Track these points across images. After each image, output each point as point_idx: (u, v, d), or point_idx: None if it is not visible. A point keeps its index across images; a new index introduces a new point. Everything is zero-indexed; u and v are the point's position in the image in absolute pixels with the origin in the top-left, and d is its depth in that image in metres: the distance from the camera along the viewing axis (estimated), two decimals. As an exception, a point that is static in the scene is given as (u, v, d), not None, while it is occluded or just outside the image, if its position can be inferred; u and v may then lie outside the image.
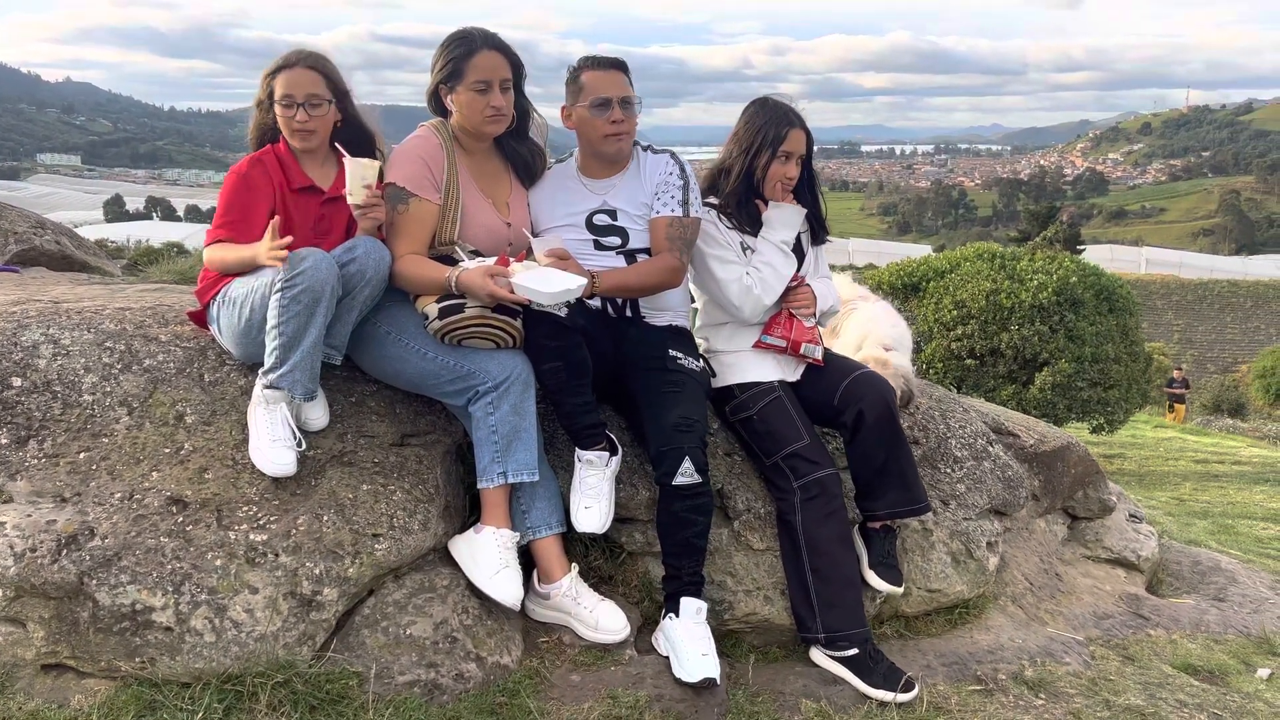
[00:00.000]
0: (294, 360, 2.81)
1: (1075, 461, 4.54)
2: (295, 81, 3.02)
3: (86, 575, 2.55)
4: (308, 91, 3.02)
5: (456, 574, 2.94)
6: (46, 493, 2.74)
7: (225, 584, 2.61)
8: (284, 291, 2.76)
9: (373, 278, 2.87)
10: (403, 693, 2.64)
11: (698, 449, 2.97)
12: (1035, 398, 11.29)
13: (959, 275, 12.11)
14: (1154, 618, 3.97)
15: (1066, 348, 11.36)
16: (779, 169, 3.30)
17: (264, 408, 2.86)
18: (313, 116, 3.03)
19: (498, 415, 2.90)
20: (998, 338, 11.49)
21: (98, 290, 4.01)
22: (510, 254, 3.02)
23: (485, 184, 3.20)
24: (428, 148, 3.08)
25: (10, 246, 6.58)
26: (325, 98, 3.05)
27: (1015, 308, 11.47)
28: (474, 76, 3.03)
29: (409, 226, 3.02)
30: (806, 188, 3.46)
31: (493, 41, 3.08)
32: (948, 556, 3.51)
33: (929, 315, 11.85)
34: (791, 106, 3.34)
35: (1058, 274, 11.65)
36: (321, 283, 2.76)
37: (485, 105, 3.05)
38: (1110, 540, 4.56)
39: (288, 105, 3.02)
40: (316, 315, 2.79)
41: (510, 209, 3.23)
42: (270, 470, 2.82)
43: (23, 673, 2.56)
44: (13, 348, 3.06)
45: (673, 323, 3.34)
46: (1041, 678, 3.23)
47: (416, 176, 3.03)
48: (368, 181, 2.90)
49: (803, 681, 3.05)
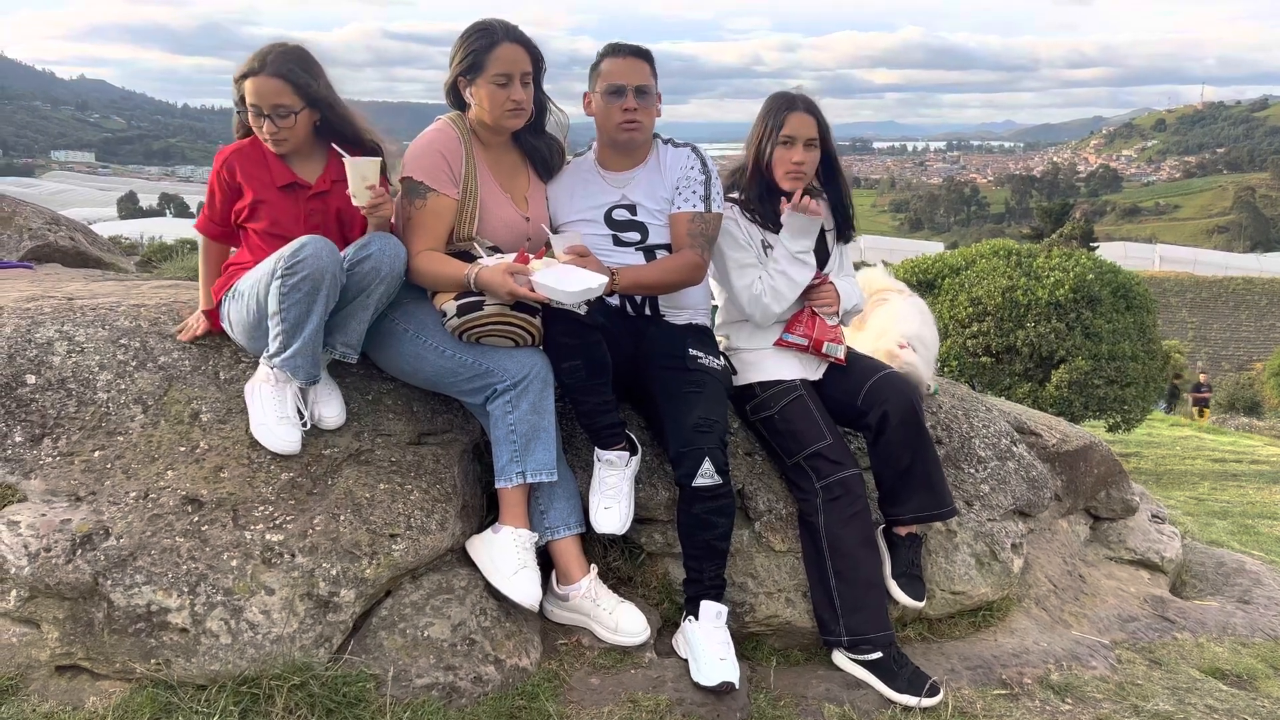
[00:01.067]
0: (296, 346, 2.79)
1: (1098, 461, 4.48)
2: (260, 91, 2.87)
3: (101, 575, 2.52)
4: (273, 102, 2.87)
5: (474, 575, 2.90)
6: (61, 491, 2.71)
7: (241, 585, 2.57)
8: (284, 279, 2.72)
9: (387, 275, 2.83)
10: (420, 696, 2.60)
11: (718, 449, 2.93)
12: (1052, 396, 11.22)
13: (974, 272, 12.03)
14: (1179, 620, 3.91)
15: (1083, 345, 11.27)
16: (783, 154, 3.24)
17: (272, 386, 2.84)
18: (280, 127, 2.90)
19: (516, 414, 2.86)
20: (1014, 335, 11.41)
21: (112, 286, 3.98)
22: (529, 249, 2.98)
23: (503, 178, 3.15)
24: (445, 141, 3.03)
25: (25, 243, 6.57)
26: (293, 107, 2.89)
27: (1032, 305, 11.39)
28: (495, 69, 2.97)
29: (426, 221, 2.97)
30: (829, 178, 3.39)
31: (514, 34, 3.02)
32: (972, 558, 3.46)
33: (944, 313, 11.77)
34: (799, 94, 3.29)
35: (1075, 271, 11.56)
36: (321, 270, 2.72)
37: (506, 99, 2.99)
38: (1133, 541, 4.50)
39: (256, 115, 2.91)
40: (317, 302, 2.75)
41: (529, 203, 3.19)
42: (276, 447, 2.81)
43: (37, 674, 2.53)
44: (27, 345, 3.03)
45: (693, 321, 3.29)
46: (1068, 682, 3.17)
47: (434, 170, 2.98)
48: (369, 181, 2.82)
49: (825, 685, 3.00)
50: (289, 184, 2.99)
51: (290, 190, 3.00)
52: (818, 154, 3.29)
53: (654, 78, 3.17)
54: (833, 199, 3.43)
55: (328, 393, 3.01)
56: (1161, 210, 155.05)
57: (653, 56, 3.17)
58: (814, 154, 3.27)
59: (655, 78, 3.17)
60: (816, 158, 3.30)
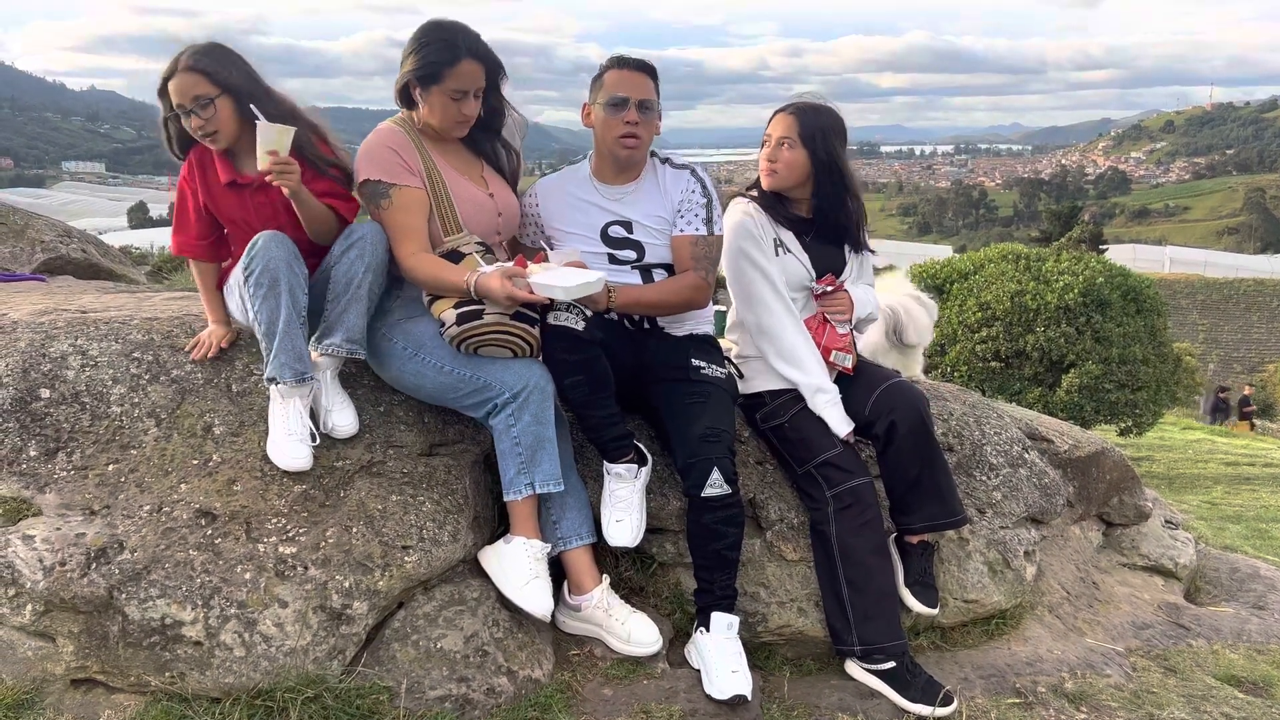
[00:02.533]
0: (275, 345, 2.82)
1: (1110, 467, 4.46)
2: (180, 89, 2.89)
3: (116, 589, 2.53)
4: (191, 95, 2.88)
5: (486, 586, 2.90)
6: (75, 505, 2.73)
7: (255, 597, 2.58)
8: (246, 280, 2.80)
9: (371, 262, 2.87)
10: (434, 708, 2.61)
11: (726, 459, 2.92)
12: (1062, 400, 11.17)
13: (983, 276, 11.99)
14: (1194, 627, 3.89)
15: (1093, 349, 11.23)
16: (762, 153, 3.32)
17: (280, 404, 2.87)
18: (204, 118, 2.89)
19: (519, 426, 2.86)
20: (1023, 340, 11.37)
21: (124, 299, 4.00)
22: (500, 226, 3.03)
23: (460, 165, 3.13)
24: (393, 138, 3.00)
25: (38, 255, 6.61)
26: (210, 95, 2.88)
27: (1041, 309, 11.35)
28: (452, 85, 2.95)
29: (401, 220, 2.94)
30: (827, 186, 3.30)
31: (476, 49, 2.98)
32: (984, 566, 3.45)
33: (953, 317, 11.73)
34: (794, 98, 3.34)
35: (1084, 275, 11.52)
36: (273, 260, 2.77)
37: (457, 111, 2.99)
38: (1147, 547, 4.48)
39: (184, 115, 2.93)
40: (280, 294, 2.79)
41: (488, 183, 3.16)
42: (285, 465, 2.83)
43: (52, 688, 2.54)
44: (41, 359, 3.05)
45: (694, 331, 3.28)
46: (1082, 690, 3.16)
47: (390, 165, 2.95)
48: (271, 147, 2.76)
49: (838, 695, 2.99)
50: (230, 181, 3.00)
51: (234, 188, 3.02)
52: (798, 155, 3.25)
53: (657, 94, 3.14)
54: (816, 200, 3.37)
55: (340, 401, 3.02)
56: (1171, 212, 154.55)
57: (656, 72, 3.14)
58: (791, 154, 3.25)
59: (658, 94, 3.14)
60: (795, 159, 3.25)
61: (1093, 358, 11.18)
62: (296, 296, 2.83)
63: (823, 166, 3.28)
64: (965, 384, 11.49)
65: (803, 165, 3.27)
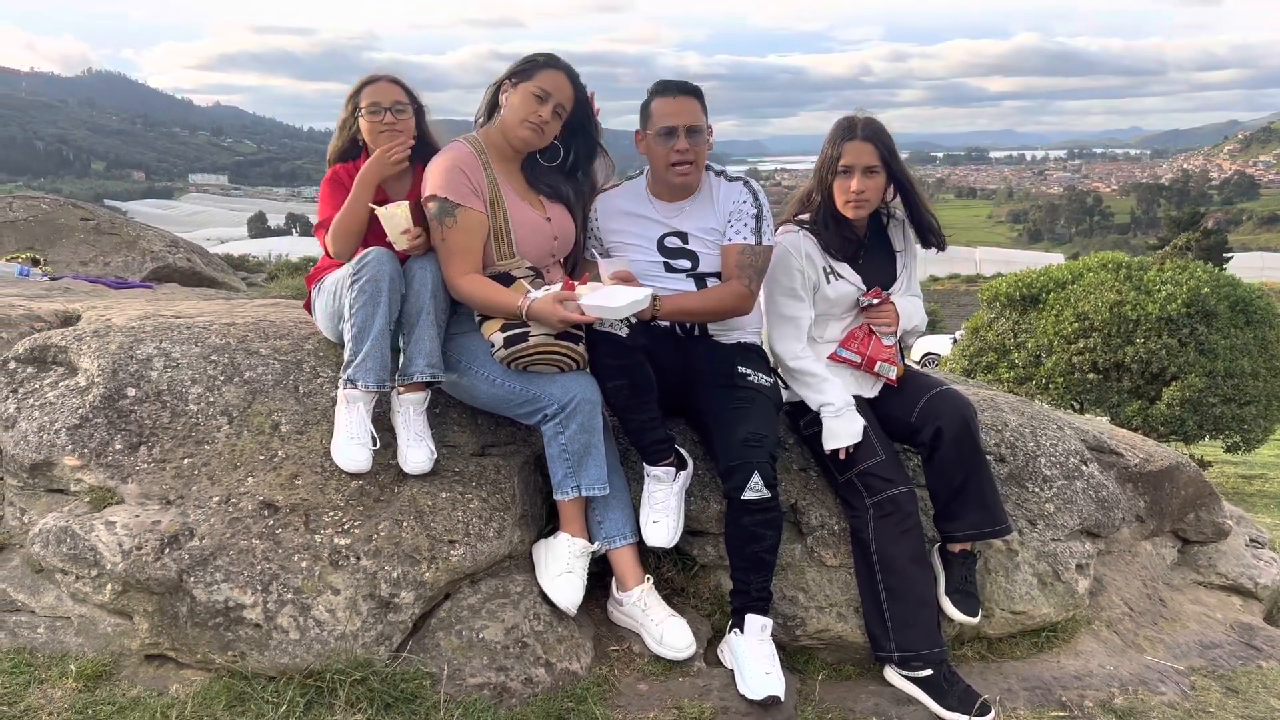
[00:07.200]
0: (365, 349, 2.99)
1: (1185, 482, 4.33)
2: (381, 90, 3.29)
3: (185, 573, 2.74)
4: (393, 98, 3.28)
5: (530, 581, 3.02)
6: (153, 495, 2.95)
7: (310, 584, 2.76)
8: (353, 284, 2.99)
9: (434, 289, 3.05)
10: (472, 694, 2.74)
11: (767, 464, 2.98)
12: (1163, 414, 10.73)
13: (1081, 286, 11.60)
14: (1267, 649, 3.75)
15: (1197, 362, 10.75)
16: (843, 183, 3.23)
17: (345, 407, 3.04)
18: (398, 117, 3.26)
19: (567, 434, 2.99)
20: (1122, 351, 10.96)
21: (217, 305, 4.28)
22: (555, 250, 3.17)
23: (520, 189, 3.24)
24: (463, 158, 3.14)
25: (147, 264, 7.08)
26: (407, 104, 3.31)
27: (1141, 320, 10.92)
28: (539, 83, 3.12)
29: (460, 240, 3.07)
30: (903, 198, 3.36)
31: (572, 72, 3.18)
32: (1034, 578, 3.41)
33: (1049, 328, 11.39)
34: (858, 117, 3.26)
35: (1188, 284, 11.03)
36: (382, 271, 2.97)
37: (533, 112, 3.11)
38: (1225, 566, 4.33)
39: (374, 110, 3.25)
40: (380, 303, 2.97)
41: (544, 205, 3.28)
42: (345, 466, 3.00)
43: (128, 661, 2.76)
44: (130, 360, 3.31)
45: (742, 340, 3.34)
46: (1132, 706, 3.10)
47: (458, 186, 3.08)
48: (403, 227, 3.06)
49: (874, 700, 3.01)
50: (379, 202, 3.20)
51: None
52: (881, 180, 3.25)
53: (704, 114, 3.21)
54: (910, 215, 3.42)
55: (419, 438, 3.09)
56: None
57: (702, 92, 3.21)
58: (875, 180, 3.24)
59: (706, 113, 3.21)
60: (880, 184, 3.26)
61: (1196, 370, 10.72)
62: (394, 310, 3.03)
63: (900, 185, 3.32)
64: (1061, 396, 11.15)
65: (884, 189, 3.30)
